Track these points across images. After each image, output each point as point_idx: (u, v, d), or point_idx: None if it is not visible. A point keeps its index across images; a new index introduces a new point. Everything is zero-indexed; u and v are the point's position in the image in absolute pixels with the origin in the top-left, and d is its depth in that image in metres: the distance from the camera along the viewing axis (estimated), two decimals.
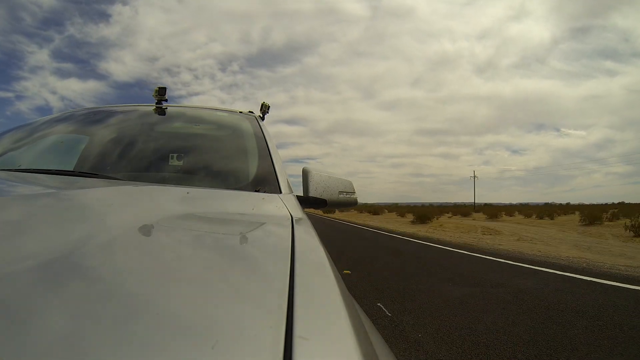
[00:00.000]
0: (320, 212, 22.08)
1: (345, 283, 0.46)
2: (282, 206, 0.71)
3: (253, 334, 0.22)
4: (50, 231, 0.36)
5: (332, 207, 1.09)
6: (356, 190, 1.16)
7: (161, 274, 0.31)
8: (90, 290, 0.26)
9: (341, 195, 1.09)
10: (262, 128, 1.31)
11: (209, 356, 0.20)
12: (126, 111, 1.47)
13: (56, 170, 0.94)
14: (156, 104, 1.41)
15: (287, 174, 1.02)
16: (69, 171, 1.01)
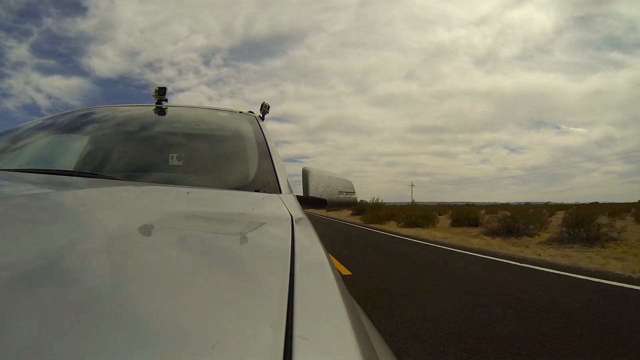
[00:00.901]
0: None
1: None
2: (282, 206, 0.71)
3: (253, 334, 0.22)
4: (50, 231, 0.36)
5: (332, 207, 1.09)
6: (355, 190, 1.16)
7: (161, 274, 0.31)
8: (90, 290, 0.26)
9: (341, 195, 1.09)
10: (262, 128, 1.31)
11: (209, 356, 0.20)
12: (126, 111, 1.47)
13: (56, 170, 0.94)
14: (156, 104, 1.41)
15: (287, 174, 1.02)
16: (69, 171, 1.01)
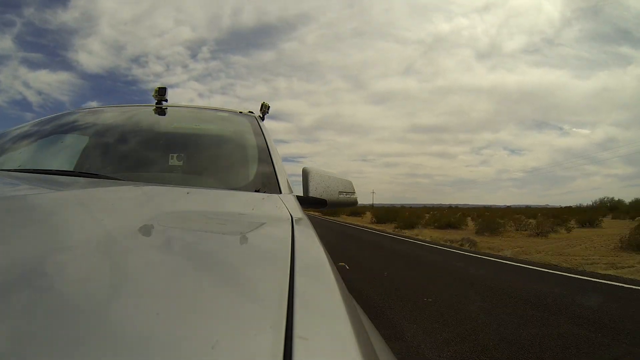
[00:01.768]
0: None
1: None
2: (282, 206, 0.71)
3: (253, 334, 0.22)
4: (51, 231, 0.36)
5: (332, 207, 1.09)
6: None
7: (161, 274, 0.31)
8: (90, 290, 0.26)
9: (341, 196, 1.09)
10: (262, 128, 1.31)
11: (209, 356, 0.20)
12: (126, 111, 1.47)
13: (56, 171, 0.94)
14: (156, 104, 1.41)
15: (287, 174, 1.02)
16: (69, 171, 1.01)
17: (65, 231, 0.36)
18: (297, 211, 0.73)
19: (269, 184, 0.92)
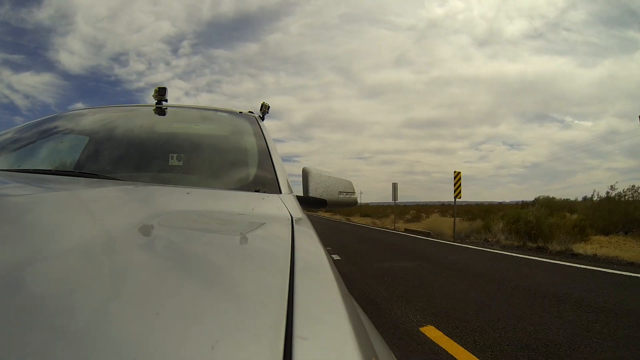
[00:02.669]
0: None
1: None
2: (282, 206, 0.71)
3: (253, 334, 0.22)
4: (50, 231, 0.36)
5: (332, 207, 1.09)
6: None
7: (161, 274, 0.31)
8: (90, 290, 0.26)
9: (341, 196, 1.09)
10: (262, 128, 1.31)
11: (209, 356, 0.20)
12: (126, 111, 1.47)
13: (56, 171, 0.94)
14: (156, 104, 1.41)
15: (287, 174, 1.02)
16: (69, 171, 1.01)
17: (65, 231, 0.36)
18: (297, 211, 0.73)
19: (269, 184, 0.92)
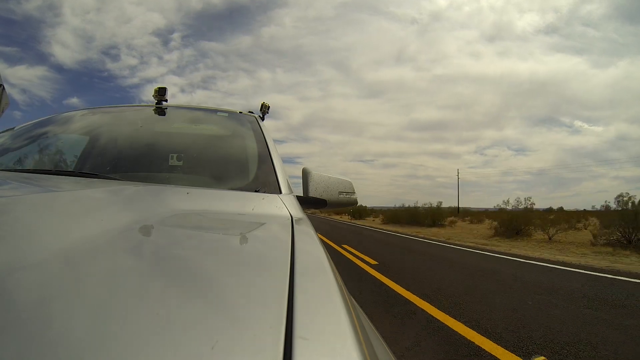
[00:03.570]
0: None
1: None
2: (282, 206, 0.71)
3: (253, 334, 0.22)
4: (50, 232, 0.36)
5: (332, 207, 1.09)
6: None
7: (161, 274, 0.31)
8: (90, 290, 0.26)
9: (341, 196, 1.09)
10: (262, 128, 1.31)
11: (209, 356, 0.20)
12: (126, 111, 1.47)
13: (56, 171, 0.94)
14: (156, 104, 1.41)
15: (287, 174, 1.02)
16: (69, 171, 1.01)
17: (65, 231, 0.36)
18: (298, 211, 0.73)
19: (269, 184, 0.92)
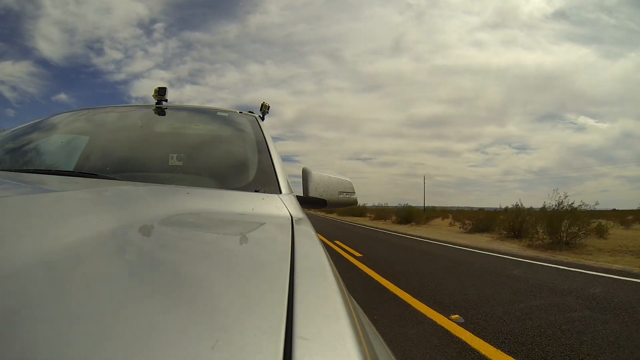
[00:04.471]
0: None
1: None
2: (282, 206, 0.71)
3: (253, 334, 0.22)
4: (50, 232, 0.36)
5: (332, 207, 1.10)
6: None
7: (161, 274, 0.31)
8: (90, 290, 0.26)
9: (341, 196, 1.09)
10: (262, 128, 1.31)
11: (209, 356, 0.20)
12: (126, 111, 1.47)
13: (56, 171, 0.94)
14: (156, 104, 1.41)
15: (287, 174, 1.02)
16: (69, 171, 1.01)
17: (65, 231, 0.36)
18: (297, 211, 0.73)
19: (269, 184, 0.92)
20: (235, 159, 1.18)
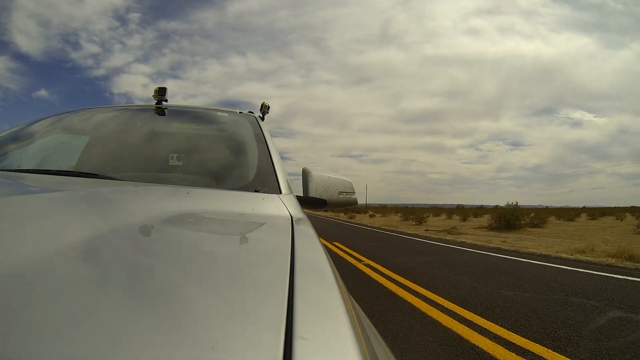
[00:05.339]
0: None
1: None
2: (282, 206, 0.71)
3: (253, 334, 0.22)
4: (50, 232, 0.36)
5: (332, 207, 1.10)
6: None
7: (160, 274, 0.31)
8: (90, 290, 0.26)
9: (341, 196, 1.10)
10: (262, 128, 1.31)
11: (209, 356, 0.20)
12: (126, 111, 1.47)
13: (56, 171, 0.94)
14: (156, 104, 1.41)
15: (287, 174, 1.02)
16: (69, 171, 1.01)
17: (65, 231, 0.36)
18: (297, 211, 0.73)
19: (269, 184, 0.92)
20: (235, 159, 1.18)
